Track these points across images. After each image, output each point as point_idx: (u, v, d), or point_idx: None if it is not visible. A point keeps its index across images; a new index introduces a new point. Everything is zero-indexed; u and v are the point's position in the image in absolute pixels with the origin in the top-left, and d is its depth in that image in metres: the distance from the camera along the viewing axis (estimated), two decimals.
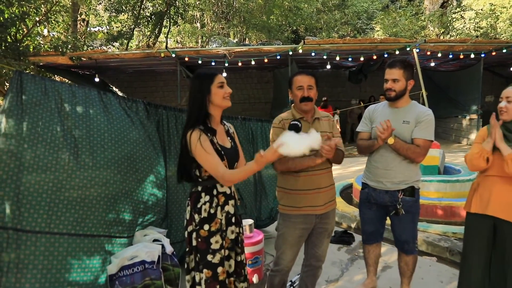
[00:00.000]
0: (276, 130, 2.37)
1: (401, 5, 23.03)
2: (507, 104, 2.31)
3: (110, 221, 2.38)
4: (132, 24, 14.54)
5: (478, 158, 2.39)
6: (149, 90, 14.77)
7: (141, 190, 2.58)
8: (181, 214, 2.97)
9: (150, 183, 2.66)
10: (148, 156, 2.61)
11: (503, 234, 2.35)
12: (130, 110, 2.63)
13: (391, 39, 11.26)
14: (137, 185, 2.52)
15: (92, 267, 2.27)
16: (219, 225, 1.97)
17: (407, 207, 2.60)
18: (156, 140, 2.79)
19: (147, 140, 2.65)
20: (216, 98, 1.95)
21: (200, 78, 1.98)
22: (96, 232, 2.32)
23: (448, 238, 4.23)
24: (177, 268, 2.63)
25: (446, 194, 4.99)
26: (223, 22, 21.72)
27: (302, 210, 2.34)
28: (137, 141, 2.54)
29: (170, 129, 2.90)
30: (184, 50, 10.70)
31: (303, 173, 2.32)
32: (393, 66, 2.56)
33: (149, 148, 2.63)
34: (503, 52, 10.60)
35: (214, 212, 1.97)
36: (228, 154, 1.99)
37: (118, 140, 2.43)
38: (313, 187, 2.33)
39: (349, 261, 3.62)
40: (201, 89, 1.94)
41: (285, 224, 2.39)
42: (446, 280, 3.20)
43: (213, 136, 1.96)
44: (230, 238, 2.03)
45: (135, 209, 2.55)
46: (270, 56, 10.35)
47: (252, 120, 3.49)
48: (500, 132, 2.30)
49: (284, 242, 2.39)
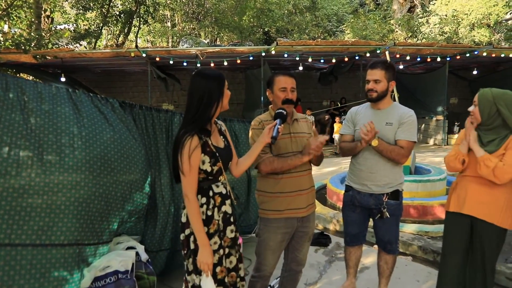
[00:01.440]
0: (256, 131, 2.31)
1: (370, 9, 23.62)
2: (473, 108, 2.37)
3: (82, 228, 2.19)
4: (100, 22, 14.08)
5: (454, 160, 2.47)
6: (118, 90, 14.34)
7: (118, 192, 2.39)
8: (162, 219, 2.80)
9: (129, 185, 2.46)
10: (125, 155, 2.39)
11: (478, 232, 2.40)
12: (104, 108, 2.45)
13: (362, 42, 11.48)
14: (112, 187, 2.32)
15: (62, 279, 2.07)
16: (216, 226, 1.94)
17: (392, 210, 2.60)
18: (138, 138, 2.61)
19: (127, 138, 2.45)
20: (226, 100, 1.95)
21: (215, 79, 1.92)
22: (66, 240, 2.12)
23: (421, 237, 4.30)
24: (152, 276, 2.51)
25: (417, 193, 5.10)
26: (194, 22, 21.47)
27: (283, 213, 2.29)
28: (112, 138, 2.34)
29: (148, 129, 2.75)
30: (155, 49, 10.48)
31: (285, 175, 2.27)
32: (374, 67, 2.55)
33: (126, 146, 2.42)
34: (466, 56, 11.06)
35: (212, 214, 1.93)
36: (223, 154, 1.97)
37: (89, 138, 2.24)
38: (295, 189, 2.29)
39: (327, 263, 3.60)
40: (218, 91, 1.91)
41: (266, 229, 2.33)
42: (422, 279, 3.23)
43: (207, 138, 1.92)
44: (229, 237, 2.02)
45: (112, 213, 2.36)
46: (242, 57, 10.30)
47: (234, 121, 3.39)
48: (475, 134, 2.35)
49: (266, 248, 2.33)
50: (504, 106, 2.28)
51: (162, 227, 2.82)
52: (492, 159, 2.25)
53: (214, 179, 1.96)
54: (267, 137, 2.02)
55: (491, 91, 2.33)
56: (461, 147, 2.46)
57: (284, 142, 2.28)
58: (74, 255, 2.15)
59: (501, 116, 2.30)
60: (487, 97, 2.32)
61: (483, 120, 2.35)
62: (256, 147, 2.07)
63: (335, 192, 5.57)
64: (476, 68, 13.25)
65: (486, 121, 2.34)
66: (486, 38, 15.97)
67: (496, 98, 2.30)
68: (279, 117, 2.11)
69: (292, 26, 22.97)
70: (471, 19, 16.27)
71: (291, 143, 2.30)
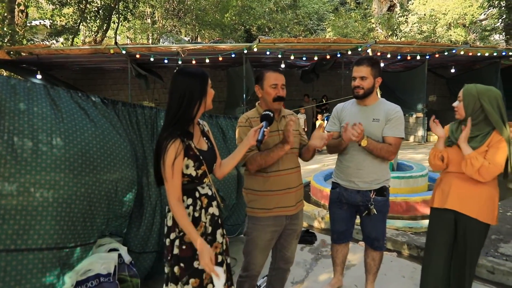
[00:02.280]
0: (243, 129, 2.27)
1: (351, 8, 23.86)
2: (458, 104, 2.38)
3: (63, 230, 2.06)
4: (78, 18, 13.70)
5: (433, 158, 2.50)
6: (97, 88, 13.98)
7: (102, 191, 2.26)
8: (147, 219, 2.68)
9: (114, 183, 2.34)
10: (109, 151, 2.24)
11: (462, 227, 2.42)
12: (85, 103, 2.33)
13: (344, 40, 11.55)
14: (96, 185, 2.19)
15: (40, 286, 1.96)
16: (203, 229, 1.87)
17: (379, 206, 2.60)
18: (123, 134, 2.48)
19: (110, 134, 2.32)
20: (209, 99, 1.87)
21: (197, 77, 1.83)
22: (45, 244, 1.99)
23: (405, 233, 4.34)
24: (136, 279, 2.42)
25: (401, 190, 5.15)
26: (175, 20, 21.20)
27: (272, 211, 2.26)
28: (93, 135, 2.20)
29: (133, 126, 2.63)
30: (135, 46, 10.23)
31: (273, 173, 2.24)
32: (360, 64, 2.54)
33: (109, 142, 2.28)
34: (444, 54, 11.30)
35: (199, 215, 1.87)
36: (207, 157, 1.90)
37: (68, 135, 2.12)
38: (283, 187, 2.27)
39: (313, 260, 3.58)
40: (201, 90, 1.82)
41: (254, 228, 2.29)
42: (407, 275, 3.25)
43: (190, 141, 1.84)
44: (220, 241, 1.94)
45: (96, 214, 2.23)
46: (224, 54, 10.20)
47: (221, 117, 3.30)
48: (468, 133, 2.34)
49: (254, 247, 2.29)
50: (488, 102, 2.29)
51: (147, 228, 2.70)
52: (479, 158, 2.26)
53: (199, 182, 1.90)
54: (252, 139, 1.96)
55: (476, 87, 2.34)
56: (437, 144, 2.50)
57: (272, 139, 2.24)
58: (54, 260, 2.03)
59: (484, 112, 2.32)
60: (472, 92, 2.33)
61: (467, 115, 2.36)
62: (240, 149, 2.01)
63: (318, 189, 5.58)
64: (454, 67, 13.54)
65: (470, 117, 2.35)
66: (462, 38, 16.38)
67: (480, 93, 2.31)
68: (266, 119, 2.05)
69: (273, 24, 22.99)
70: (447, 19, 16.66)
71: (280, 140, 2.25)
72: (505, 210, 5.30)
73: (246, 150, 2.01)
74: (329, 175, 6.25)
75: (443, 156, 2.45)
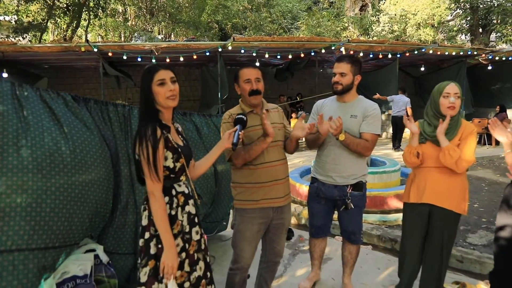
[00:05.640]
0: (227, 125, 2.29)
1: (324, 7, 24.16)
2: (455, 100, 2.44)
3: (35, 231, 1.97)
4: (45, 15, 13.24)
5: (408, 155, 2.57)
6: (68, 87, 13.56)
7: (76, 189, 2.15)
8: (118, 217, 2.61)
9: (87, 181, 2.25)
10: (78, 150, 2.18)
11: (437, 219, 2.51)
12: (54, 102, 2.25)
13: (318, 38, 11.69)
14: (68, 184, 2.09)
15: None
16: (180, 227, 1.85)
17: (356, 201, 2.65)
18: (95, 131, 2.41)
19: (80, 131, 2.24)
20: (158, 98, 1.80)
21: (142, 75, 1.82)
22: (14, 245, 1.92)
23: (379, 227, 4.46)
24: (113, 279, 2.37)
25: (374, 185, 5.27)
26: (147, 17, 20.85)
27: (259, 203, 2.29)
28: (62, 134, 2.15)
29: (105, 123, 2.57)
30: (107, 44, 9.99)
31: (260, 165, 2.27)
32: (341, 61, 2.61)
33: (79, 140, 2.20)
34: (414, 53, 11.63)
35: (175, 213, 1.84)
36: (184, 151, 1.89)
37: (35, 136, 2.05)
38: (270, 179, 2.30)
39: (291, 256, 3.62)
40: (143, 88, 1.81)
41: (242, 220, 2.32)
42: (382, 267, 3.34)
43: (168, 134, 1.82)
44: (195, 239, 1.92)
45: (74, 214, 2.15)
46: (199, 52, 10.13)
47: (195, 114, 3.28)
48: (446, 127, 2.43)
49: (242, 239, 2.32)
50: (462, 95, 2.46)
51: (118, 227, 2.58)
52: (456, 149, 2.37)
53: (176, 177, 1.87)
54: (226, 142, 1.96)
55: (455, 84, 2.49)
56: (411, 141, 2.58)
57: (256, 134, 2.27)
58: (27, 261, 1.96)
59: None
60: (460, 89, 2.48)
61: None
62: (214, 152, 2.01)
63: (294, 186, 5.64)
64: (423, 65, 13.97)
65: None
66: (431, 37, 16.92)
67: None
68: (239, 122, 2.06)
69: (248, 23, 22.98)
70: (417, 19, 17.17)
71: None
72: (472, 202, 5.54)
73: (220, 152, 2.01)
74: (305, 171, 6.32)
75: (418, 152, 2.53)
